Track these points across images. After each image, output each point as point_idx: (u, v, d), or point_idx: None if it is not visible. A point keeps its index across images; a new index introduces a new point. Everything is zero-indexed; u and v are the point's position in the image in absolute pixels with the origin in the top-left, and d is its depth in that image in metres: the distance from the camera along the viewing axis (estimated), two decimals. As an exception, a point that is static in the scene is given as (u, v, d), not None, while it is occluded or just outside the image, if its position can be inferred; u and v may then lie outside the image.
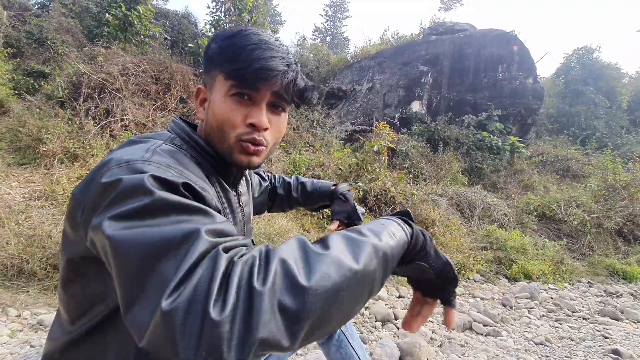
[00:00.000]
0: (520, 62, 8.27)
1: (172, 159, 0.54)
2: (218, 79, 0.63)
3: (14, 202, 2.90)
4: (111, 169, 0.48)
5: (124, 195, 0.43)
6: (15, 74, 5.19)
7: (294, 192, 1.14)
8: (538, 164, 7.80)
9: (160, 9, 8.81)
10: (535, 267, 4.04)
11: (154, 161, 0.50)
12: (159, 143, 0.57)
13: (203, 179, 0.59)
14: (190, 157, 0.62)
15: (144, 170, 0.46)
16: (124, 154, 0.51)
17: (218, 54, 0.63)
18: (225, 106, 0.62)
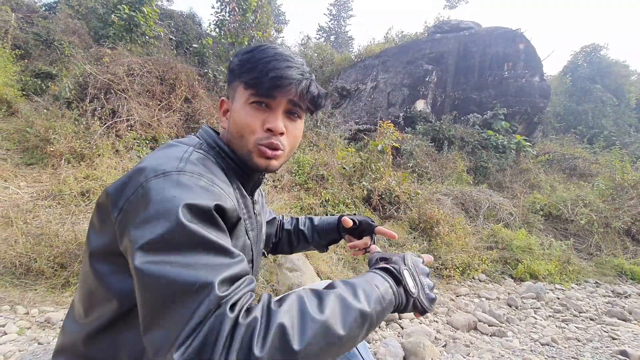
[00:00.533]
0: (526, 60, 8.18)
1: (203, 166, 0.60)
2: (239, 89, 0.70)
3: (22, 201, 2.94)
4: (149, 180, 0.53)
5: (158, 217, 0.49)
6: (23, 75, 5.26)
7: (301, 226, 1.13)
8: (544, 162, 7.72)
9: (165, 10, 8.87)
10: (541, 267, 4.00)
11: (187, 171, 0.56)
12: (190, 150, 0.63)
13: (227, 184, 0.65)
14: (216, 163, 0.68)
15: (180, 182, 0.53)
16: (160, 162, 0.56)
17: (238, 66, 0.69)
18: (245, 113, 0.68)
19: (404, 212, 4.45)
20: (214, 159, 0.68)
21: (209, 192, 0.55)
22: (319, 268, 3.09)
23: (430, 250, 3.99)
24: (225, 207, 0.56)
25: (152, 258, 0.47)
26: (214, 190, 0.56)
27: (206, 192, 0.54)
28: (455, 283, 3.62)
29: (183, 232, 0.48)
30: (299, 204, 3.99)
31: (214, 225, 0.52)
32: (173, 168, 0.55)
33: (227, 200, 0.58)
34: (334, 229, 1.10)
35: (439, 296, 3.20)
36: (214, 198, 0.54)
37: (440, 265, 3.80)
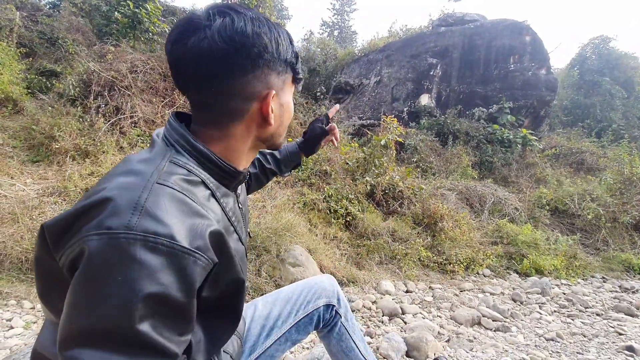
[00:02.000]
0: (532, 53, 8.05)
1: (165, 209, 0.48)
2: (287, 82, 0.66)
3: (28, 198, 2.97)
4: (90, 237, 0.44)
5: (106, 304, 0.42)
6: (29, 73, 5.30)
7: (266, 164, 1.14)
8: (551, 157, 7.62)
9: (167, 6, 8.86)
10: (547, 262, 3.96)
11: (140, 231, 0.44)
12: (152, 181, 0.50)
13: (200, 215, 0.53)
14: (192, 179, 0.57)
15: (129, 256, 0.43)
16: (108, 213, 0.45)
17: (295, 56, 0.65)
18: (292, 104, 0.71)
19: (408, 207, 4.43)
20: (188, 173, 0.57)
21: (168, 263, 0.45)
22: (322, 263, 3.09)
23: (434, 246, 3.98)
24: (194, 274, 0.48)
25: (85, 351, 0.41)
26: (176, 255, 0.46)
27: (164, 266, 0.45)
28: (459, 278, 3.61)
29: (128, 333, 0.42)
30: (302, 199, 3.99)
31: (169, 308, 0.46)
32: (121, 226, 0.44)
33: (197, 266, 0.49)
34: (297, 155, 1.18)
35: (442, 291, 3.19)
36: (174, 269, 0.46)
37: (444, 260, 3.78)
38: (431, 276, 3.57)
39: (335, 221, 3.89)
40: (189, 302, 0.49)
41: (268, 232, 2.98)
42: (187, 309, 0.49)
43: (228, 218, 0.64)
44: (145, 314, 0.43)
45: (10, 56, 5.10)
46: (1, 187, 3.14)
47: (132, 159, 0.56)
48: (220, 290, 0.59)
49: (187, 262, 0.47)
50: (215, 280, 0.56)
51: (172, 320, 0.47)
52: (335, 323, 1.03)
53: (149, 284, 0.43)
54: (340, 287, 1.09)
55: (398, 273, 3.46)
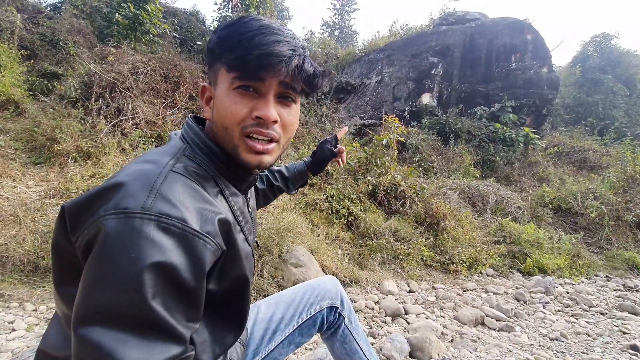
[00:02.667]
0: (534, 51, 8.01)
1: (178, 195, 0.50)
2: (221, 73, 0.60)
3: (30, 200, 2.98)
4: (107, 216, 0.45)
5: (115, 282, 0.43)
6: (30, 75, 5.32)
7: (274, 181, 1.16)
8: (553, 155, 7.59)
9: (168, 7, 8.88)
10: (550, 261, 3.94)
11: (155, 212, 0.46)
12: (166, 170, 0.53)
13: (211, 204, 0.55)
14: (203, 173, 0.59)
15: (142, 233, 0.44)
16: (125, 195, 0.47)
17: (218, 44, 0.59)
18: (228, 100, 0.58)
19: (410, 207, 4.42)
20: (199, 168, 0.60)
21: (180, 244, 0.47)
22: (325, 264, 3.08)
23: (437, 245, 3.96)
24: (203, 256, 0.50)
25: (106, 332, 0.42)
26: (187, 237, 0.48)
27: (175, 246, 0.46)
28: (462, 278, 3.59)
29: (141, 309, 0.43)
30: (303, 199, 3.98)
31: (178, 287, 0.47)
32: (137, 206, 0.46)
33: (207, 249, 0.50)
34: (304, 174, 1.21)
35: (445, 291, 3.18)
36: (185, 250, 0.47)
37: (447, 260, 3.76)
38: (434, 276, 3.55)
39: (337, 221, 3.88)
40: (198, 285, 0.50)
41: (270, 233, 2.97)
42: (197, 293, 0.50)
43: (235, 217, 0.65)
44: (157, 291, 0.44)
45: (11, 58, 5.12)
46: (3, 189, 3.15)
47: (150, 152, 0.60)
48: (225, 285, 0.59)
49: (197, 244, 0.49)
50: (222, 272, 0.57)
51: (182, 301, 0.48)
52: (339, 325, 1.02)
53: (161, 260, 0.45)
54: (343, 289, 1.09)
55: (401, 273, 3.45)
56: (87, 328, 0.42)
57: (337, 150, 1.20)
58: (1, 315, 2.03)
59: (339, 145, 1.22)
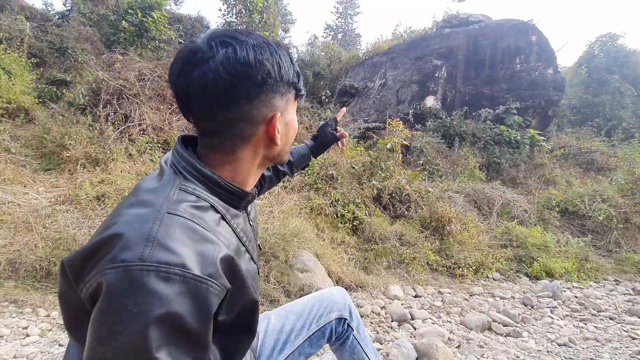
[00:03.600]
0: (539, 53, 7.98)
1: (176, 239, 0.49)
2: (290, 101, 0.67)
3: (41, 206, 3.03)
4: (105, 271, 0.45)
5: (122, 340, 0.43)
6: (39, 82, 5.41)
7: (280, 167, 1.18)
8: (560, 157, 7.53)
9: (173, 14, 8.99)
10: (557, 264, 3.91)
11: (154, 262, 0.46)
12: (162, 212, 0.51)
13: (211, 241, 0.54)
14: (201, 204, 0.58)
15: (144, 286, 0.44)
16: (123, 246, 0.47)
17: (296, 75, 0.66)
18: (295, 120, 0.71)
19: (415, 211, 4.42)
20: (197, 199, 0.58)
21: (182, 291, 0.47)
22: (330, 268, 3.10)
23: (443, 249, 3.95)
24: (208, 301, 0.49)
25: None
26: (189, 283, 0.47)
27: (178, 295, 0.46)
28: (468, 282, 3.58)
29: None
30: (308, 204, 4.00)
31: (184, 334, 0.47)
32: (135, 258, 0.45)
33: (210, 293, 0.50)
34: (307, 157, 1.27)
35: (451, 295, 3.17)
36: (188, 296, 0.47)
37: (453, 264, 3.76)
38: (440, 280, 3.55)
39: (342, 226, 3.89)
40: (204, 329, 0.50)
41: (276, 238, 2.99)
42: (203, 336, 0.50)
43: (239, 239, 0.65)
44: (162, 342, 0.44)
45: (21, 66, 5.22)
46: (15, 196, 3.21)
47: (142, 189, 0.58)
48: (235, 313, 0.60)
49: (200, 289, 0.48)
50: (230, 305, 0.57)
51: (188, 346, 0.48)
52: (348, 336, 1.04)
53: (163, 311, 0.44)
54: (351, 300, 1.10)
55: (406, 277, 3.45)
56: None
57: (339, 135, 1.28)
58: (15, 320, 2.08)
59: (338, 127, 1.29)
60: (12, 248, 2.52)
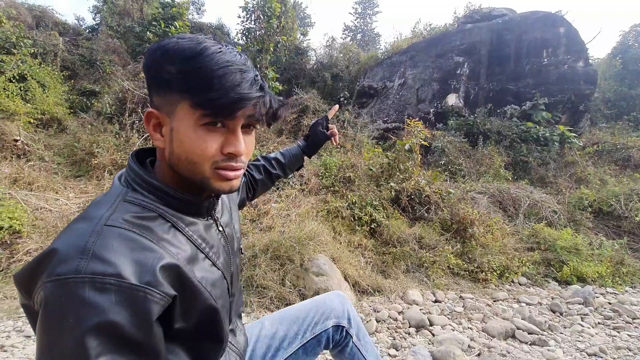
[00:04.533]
0: (568, 45, 7.58)
1: (112, 250, 0.50)
2: (181, 107, 0.57)
3: (70, 212, 3.20)
4: (45, 284, 0.47)
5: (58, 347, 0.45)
6: (71, 94, 5.75)
7: (272, 170, 1.21)
8: (593, 154, 7.10)
9: (195, 23, 9.28)
10: (590, 268, 3.69)
11: (88, 273, 0.46)
12: (100, 225, 0.52)
13: (151, 249, 0.54)
14: (147, 214, 0.58)
15: (77, 296, 0.45)
16: (59, 260, 0.48)
17: (181, 79, 0.56)
18: (196, 137, 0.57)
19: (435, 213, 4.30)
20: (143, 209, 0.58)
21: (118, 301, 0.47)
22: (347, 272, 3.07)
23: (465, 253, 3.82)
24: (146, 309, 0.49)
25: None
26: (124, 292, 0.48)
27: (113, 304, 0.46)
28: (492, 287, 3.44)
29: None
30: (325, 207, 3.99)
31: (124, 343, 0.47)
32: (70, 271, 0.46)
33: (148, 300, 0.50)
34: (300, 158, 1.26)
35: (473, 301, 3.06)
36: (124, 306, 0.47)
37: (476, 268, 3.62)
38: (462, 285, 3.43)
39: (359, 228, 3.85)
40: (147, 337, 0.50)
41: (291, 242, 3.00)
42: (147, 344, 0.50)
43: (196, 246, 0.64)
44: (101, 351, 0.45)
45: (54, 79, 5.55)
46: (47, 202, 3.41)
47: (92, 204, 0.59)
48: (194, 321, 0.60)
49: (136, 298, 0.49)
50: (184, 312, 0.57)
51: (133, 356, 0.48)
52: (347, 343, 1.02)
53: (99, 321, 0.45)
54: (351, 305, 1.08)
55: (426, 282, 3.36)
56: None
57: (329, 132, 1.27)
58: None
59: (330, 125, 1.29)
60: (44, 251, 2.67)
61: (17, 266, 2.63)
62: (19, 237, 2.87)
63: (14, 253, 2.76)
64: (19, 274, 0.52)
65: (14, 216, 2.94)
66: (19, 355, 1.94)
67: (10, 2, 7.28)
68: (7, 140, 4.17)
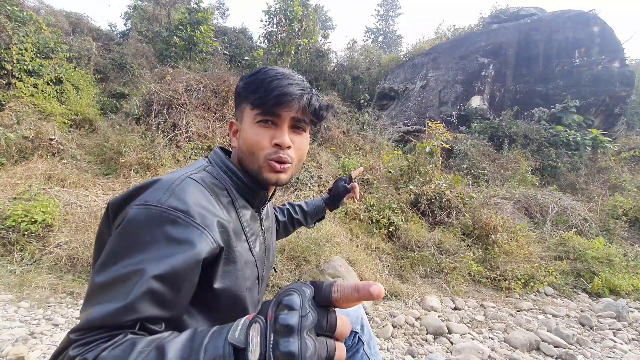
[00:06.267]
0: (602, 45, 7.21)
1: (187, 197, 0.61)
2: (246, 111, 0.74)
3: (98, 207, 3.35)
4: (133, 206, 0.59)
5: (133, 238, 0.56)
6: (102, 96, 6.02)
7: (294, 214, 1.27)
8: (629, 160, 6.69)
9: (219, 27, 9.52)
10: (624, 281, 3.47)
11: (166, 205, 0.58)
12: (182, 178, 0.65)
13: (214, 209, 0.65)
14: (218, 184, 0.72)
15: (153, 220, 0.57)
16: (153, 189, 0.61)
17: (244, 89, 0.73)
18: (253, 132, 0.72)
19: (456, 218, 4.18)
20: (216, 180, 0.72)
21: (179, 237, 0.57)
22: (363, 275, 3.03)
23: (487, 260, 3.69)
24: (201, 245, 0.58)
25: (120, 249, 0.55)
26: (186, 232, 0.58)
27: (178, 236, 0.56)
28: (515, 296, 3.30)
29: (139, 283, 0.52)
30: (343, 208, 3.97)
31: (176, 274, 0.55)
32: (154, 200, 0.59)
33: (203, 239, 0.59)
34: (322, 209, 1.32)
35: (495, 310, 2.94)
36: (186, 240, 0.57)
37: (499, 276, 3.49)
38: (483, 293, 3.31)
39: (377, 231, 3.80)
40: (192, 268, 0.57)
41: (308, 243, 3.00)
42: (190, 275, 0.57)
43: (242, 226, 0.73)
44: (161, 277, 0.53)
45: (87, 82, 5.84)
46: (77, 198, 3.57)
47: (180, 169, 0.72)
48: (226, 288, 0.66)
49: (196, 233, 0.59)
50: (224, 271, 0.65)
51: (176, 285, 0.55)
52: (357, 350, 1.00)
53: (166, 246, 0.55)
54: (364, 313, 1.07)
55: (445, 288, 3.27)
56: (87, 307, 0.52)
57: (350, 187, 1.31)
58: (70, 311, 2.30)
59: (352, 182, 1.33)
60: (72, 245, 2.81)
61: (49, 258, 2.77)
62: (51, 231, 3.03)
63: (47, 245, 2.91)
64: (115, 199, 0.64)
65: (47, 210, 3.10)
66: (47, 342, 2.04)
67: (50, 10, 7.74)
68: (44, 139, 4.41)
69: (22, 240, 2.89)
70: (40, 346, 1.97)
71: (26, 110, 4.58)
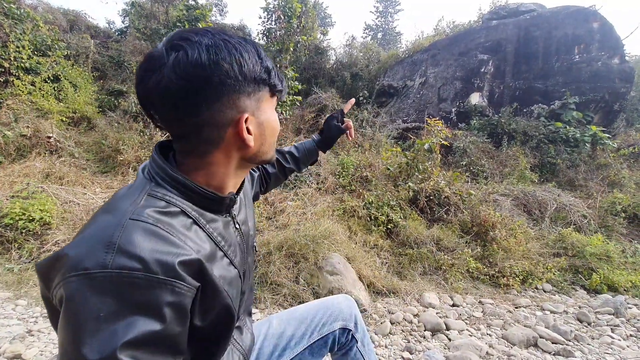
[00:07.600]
0: (602, 41, 7.18)
1: (137, 244, 0.49)
2: (263, 100, 0.64)
3: (95, 206, 3.34)
4: (69, 278, 0.46)
5: (81, 322, 0.44)
6: (100, 93, 6.00)
7: (285, 163, 1.19)
8: (628, 156, 6.69)
9: (218, 24, 9.47)
10: (622, 277, 3.47)
11: (115, 268, 0.46)
12: (125, 218, 0.51)
13: (175, 245, 0.53)
14: (171, 210, 0.57)
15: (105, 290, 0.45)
16: (86, 248, 0.48)
17: (268, 73, 0.62)
18: (274, 118, 0.68)
19: (455, 215, 4.18)
20: (166, 204, 0.57)
21: (144, 300, 0.47)
22: (362, 272, 3.03)
23: (485, 257, 3.70)
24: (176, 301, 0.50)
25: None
26: (153, 288, 0.48)
27: (140, 307, 0.46)
28: (514, 293, 3.30)
29: None
30: (342, 206, 3.97)
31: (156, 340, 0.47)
32: (97, 265, 0.45)
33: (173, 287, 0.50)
34: (314, 152, 1.25)
35: (493, 307, 2.95)
36: (155, 304, 0.47)
37: (497, 272, 3.49)
38: (481, 290, 3.32)
39: (375, 229, 3.80)
40: (177, 330, 0.50)
41: (306, 240, 3.00)
42: (176, 338, 0.50)
43: (216, 243, 0.64)
44: (135, 345, 0.45)
45: (85, 80, 5.81)
46: (76, 196, 3.57)
47: (116, 195, 0.59)
48: (209, 320, 0.59)
49: (165, 291, 0.48)
50: (204, 310, 0.57)
51: (161, 349, 0.48)
52: (351, 347, 1.00)
53: (133, 318, 0.45)
54: (358, 310, 1.07)
55: (443, 285, 3.27)
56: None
57: (344, 126, 1.24)
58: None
59: (345, 119, 1.25)
60: (70, 243, 2.80)
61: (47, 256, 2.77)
62: (49, 229, 3.03)
63: (44, 243, 2.91)
64: (41, 264, 0.51)
65: (44, 208, 3.10)
66: (45, 340, 2.04)
67: (47, 7, 7.69)
68: (42, 137, 4.40)
69: (20, 238, 2.88)
70: (37, 344, 1.98)
71: (24, 108, 4.57)
